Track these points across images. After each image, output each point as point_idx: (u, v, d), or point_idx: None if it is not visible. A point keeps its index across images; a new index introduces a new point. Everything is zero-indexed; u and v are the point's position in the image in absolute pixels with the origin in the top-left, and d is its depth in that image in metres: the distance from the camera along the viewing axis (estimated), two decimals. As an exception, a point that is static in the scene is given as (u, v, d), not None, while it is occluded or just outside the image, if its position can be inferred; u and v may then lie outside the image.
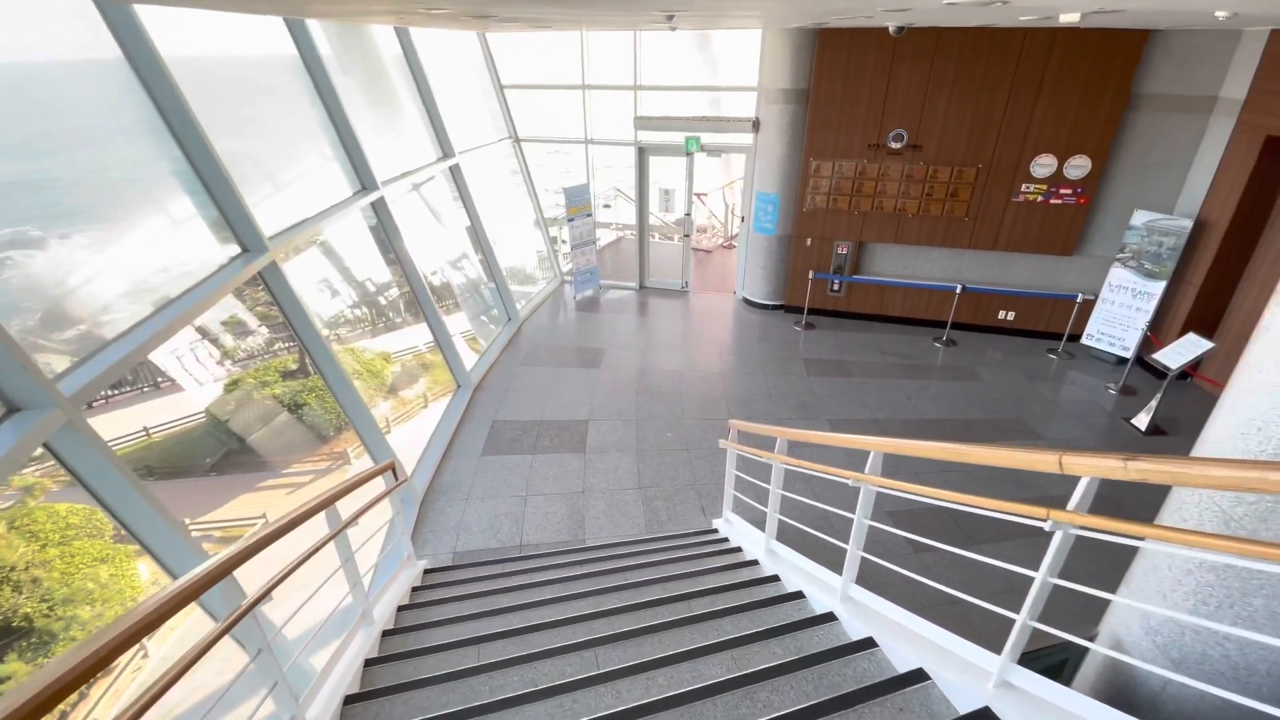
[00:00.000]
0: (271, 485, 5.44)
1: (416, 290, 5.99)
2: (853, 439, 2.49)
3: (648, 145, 8.41)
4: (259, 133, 4.61)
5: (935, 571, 2.34)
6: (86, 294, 3.05)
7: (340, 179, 5.26)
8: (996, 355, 7.36)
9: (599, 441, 5.67)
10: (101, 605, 3.55)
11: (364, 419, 4.60)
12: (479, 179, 8.07)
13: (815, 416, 6.07)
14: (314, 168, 5.02)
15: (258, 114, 4.69)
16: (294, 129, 4.96)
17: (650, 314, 8.60)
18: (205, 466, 4.92)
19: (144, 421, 4.20)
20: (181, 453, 4.72)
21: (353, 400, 4.53)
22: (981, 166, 7.02)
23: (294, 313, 4.17)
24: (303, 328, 4.23)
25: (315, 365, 4.43)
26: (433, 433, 5.74)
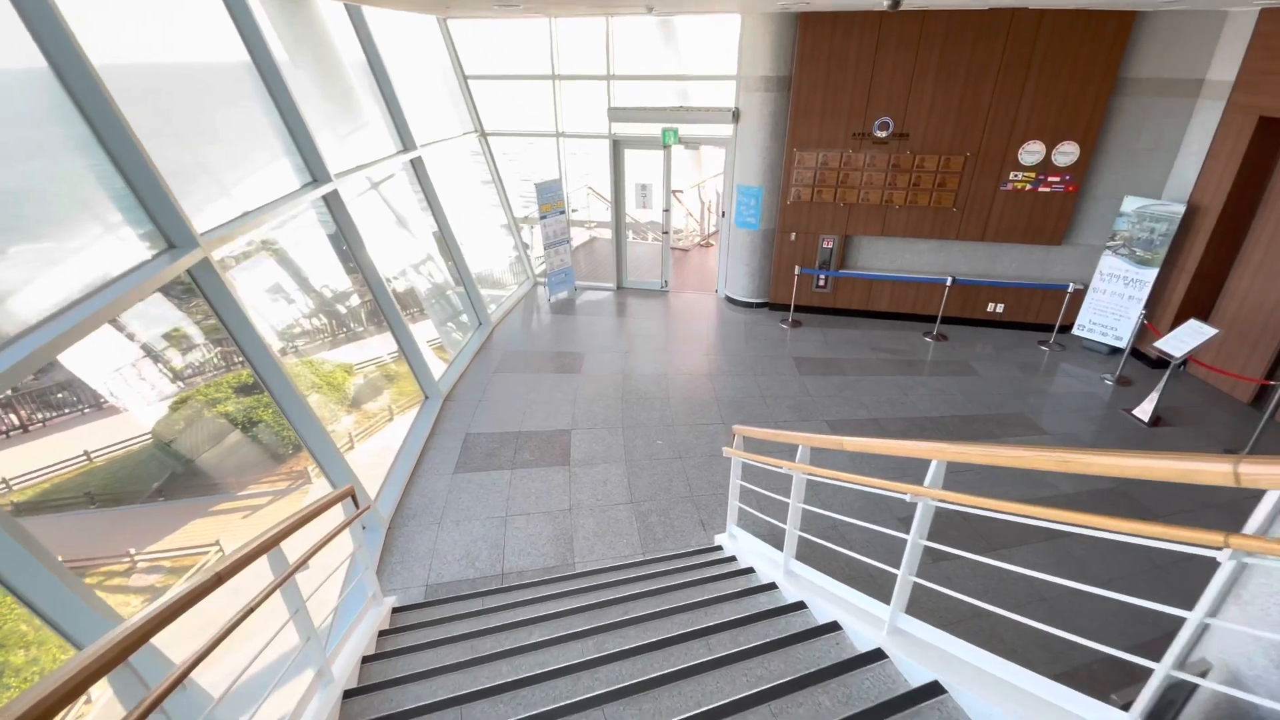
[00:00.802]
0: (226, 509, 5.01)
1: (377, 294, 5.45)
2: (909, 446, 2.10)
3: (623, 138, 8.00)
4: (191, 118, 4.04)
5: (981, 592, 1.96)
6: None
7: (287, 170, 4.71)
8: (988, 349, 7.15)
9: (584, 453, 5.21)
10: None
11: (319, 438, 4.05)
12: (444, 176, 7.55)
13: (813, 418, 5.72)
14: (256, 158, 4.46)
15: (190, 98, 4.12)
16: (233, 115, 4.40)
17: (630, 315, 8.18)
18: (153, 491, 4.63)
19: (84, 445, 3.84)
20: (126, 477, 4.32)
21: (305, 418, 3.98)
22: (969, 155, 6.81)
23: (234, 319, 3.62)
24: (245, 337, 3.68)
25: (261, 379, 3.87)
26: (399, 449, 5.20)
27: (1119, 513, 1.26)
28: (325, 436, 4.06)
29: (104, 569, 4.25)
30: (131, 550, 4.28)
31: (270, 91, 4.51)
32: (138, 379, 4.21)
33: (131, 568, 4.40)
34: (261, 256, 5.72)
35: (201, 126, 4.06)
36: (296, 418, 4.00)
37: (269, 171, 4.53)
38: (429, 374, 5.85)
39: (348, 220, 5.17)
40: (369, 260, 5.32)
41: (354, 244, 5.25)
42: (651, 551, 4.16)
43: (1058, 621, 1.69)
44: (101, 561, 4.24)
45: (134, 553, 4.29)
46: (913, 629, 2.26)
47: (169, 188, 3.22)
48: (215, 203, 3.86)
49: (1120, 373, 6.43)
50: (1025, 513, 1.67)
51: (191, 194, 3.61)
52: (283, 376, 3.84)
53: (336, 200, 5.07)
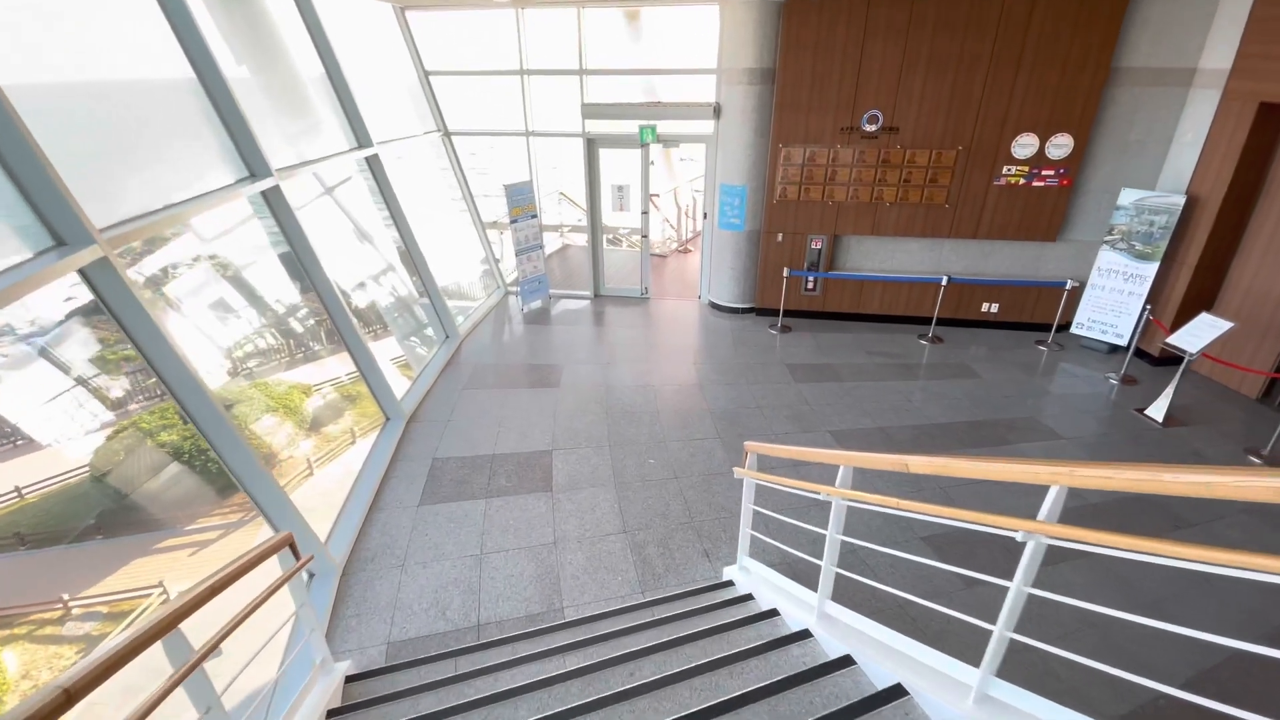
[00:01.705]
0: (171, 545, 4.53)
1: (329, 306, 4.83)
2: (1019, 468, 1.62)
3: (598, 136, 7.54)
4: (95, 103, 3.40)
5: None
6: None
7: (218, 163, 4.09)
8: (986, 350, 6.85)
9: (568, 476, 4.65)
10: None
11: (254, 474, 3.42)
12: (405, 178, 6.96)
13: (815, 428, 5.28)
14: (179, 146, 3.83)
15: (93, 75, 3.49)
16: (152, 94, 3.77)
17: (610, 324, 7.67)
18: (91, 529, 4.27)
19: (15, 480, 3.51)
20: (61, 514, 3.96)
21: (237, 450, 3.35)
22: (961, 148, 6.53)
23: (144, 334, 2.99)
24: (158, 354, 3.05)
25: (181, 405, 3.23)
26: (355, 481, 4.56)
27: (1155, 522, 0.80)
28: (262, 471, 3.43)
29: (35, 617, 3.82)
30: (65, 596, 3.81)
31: (197, 69, 3.90)
32: (73, 407, 3.66)
33: (65, 615, 3.94)
34: (197, 264, 5.05)
35: (108, 103, 3.43)
36: (227, 450, 3.36)
37: (195, 162, 3.91)
38: (390, 393, 5.22)
39: (293, 223, 4.55)
40: (319, 269, 4.70)
41: (301, 250, 4.64)
42: (652, 589, 3.62)
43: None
44: (31, 609, 3.82)
45: (68, 598, 3.82)
46: (1011, 698, 1.77)
47: (58, 174, 2.60)
48: (125, 194, 3.23)
49: (1125, 371, 6.17)
50: (1195, 556, 1.20)
51: (91, 181, 2.99)
52: (208, 403, 3.21)
53: (278, 198, 4.45)
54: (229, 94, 3.99)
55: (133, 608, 4.98)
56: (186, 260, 4.54)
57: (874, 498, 2.13)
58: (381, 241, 6.92)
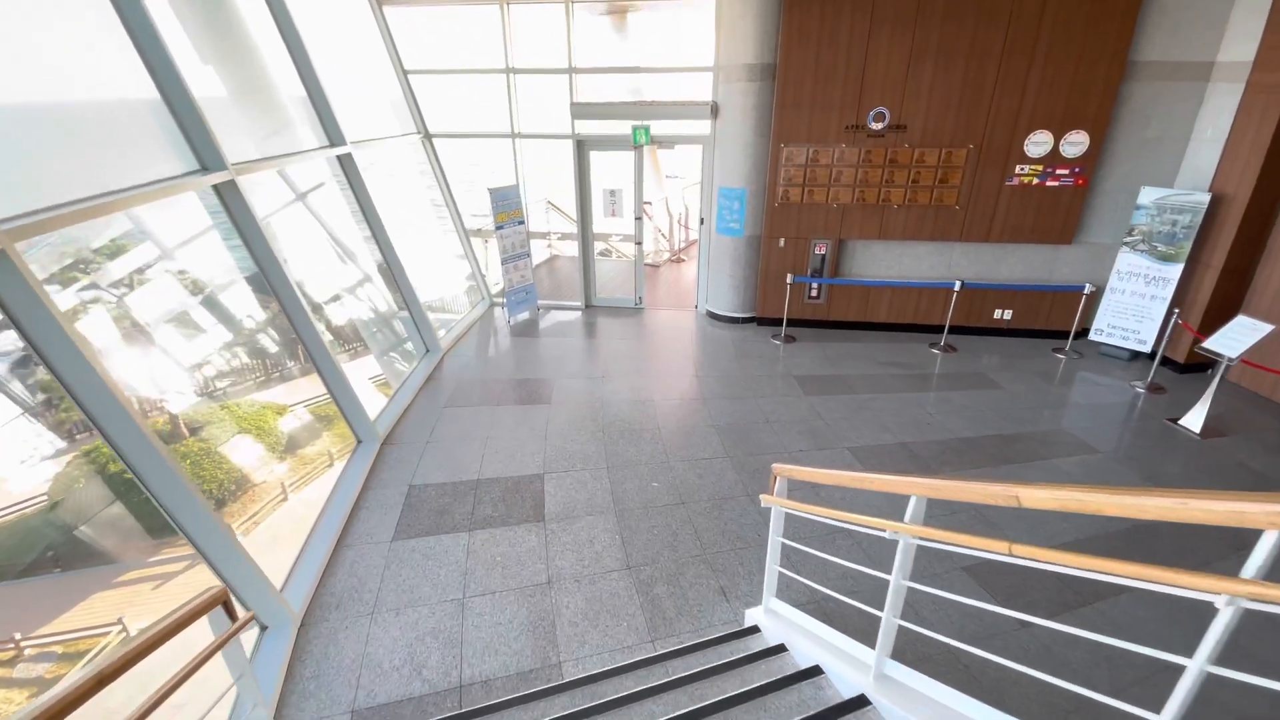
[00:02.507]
0: (133, 578, 4.12)
1: (294, 317, 4.31)
2: (1224, 507, 1.15)
3: (588, 138, 7.13)
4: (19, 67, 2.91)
5: None
6: None
7: (163, 152, 3.59)
8: (1001, 359, 6.48)
9: (562, 503, 4.15)
10: None
11: (195, 515, 2.89)
12: (381, 182, 6.50)
13: (832, 445, 4.83)
14: (111, 127, 3.33)
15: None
16: (79, 70, 3.28)
17: (603, 336, 7.20)
18: (47, 562, 3.92)
19: None
20: (15, 547, 3.69)
21: (173, 487, 2.82)
22: (972, 147, 6.21)
23: (54, 347, 2.47)
24: (72, 371, 2.52)
25: (103, 434, 2.70)
26: (320, 514, 4.01)
27: None
28: (204, 510, 2.89)
29: (-18, 658, 3.46)
30: (17, 635, 3.49)
31: (138, 45, 3.41)
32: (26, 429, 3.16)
33: (17, 655, 3.58)
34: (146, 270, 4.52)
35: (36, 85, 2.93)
36: (160, 485, 2.83)
37: (130, 149, 3.41)
38: (362, 413, 4.69)
39: (250, 223, 4.05)
40: (282, 276, 4.19)
41: (260, 255, 4.13)
42: (663, 637, 3.12)
43: None
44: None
45: (19, 638, 3.49)
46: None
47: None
48: (32, 181, 2.73)
49: (1151, 379, 5.82)
50: None
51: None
52: (135, 430, 2.68)
53: (234, 195, 3.96)
54: (176, 74, 3.51)
55: (90, 647, 4.56)
56: (131, 267, 4.02)
57: (968, 539, 1.66)
58: (356, 249, 6.42)
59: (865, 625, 2.97)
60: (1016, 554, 1.48)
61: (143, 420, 2.69)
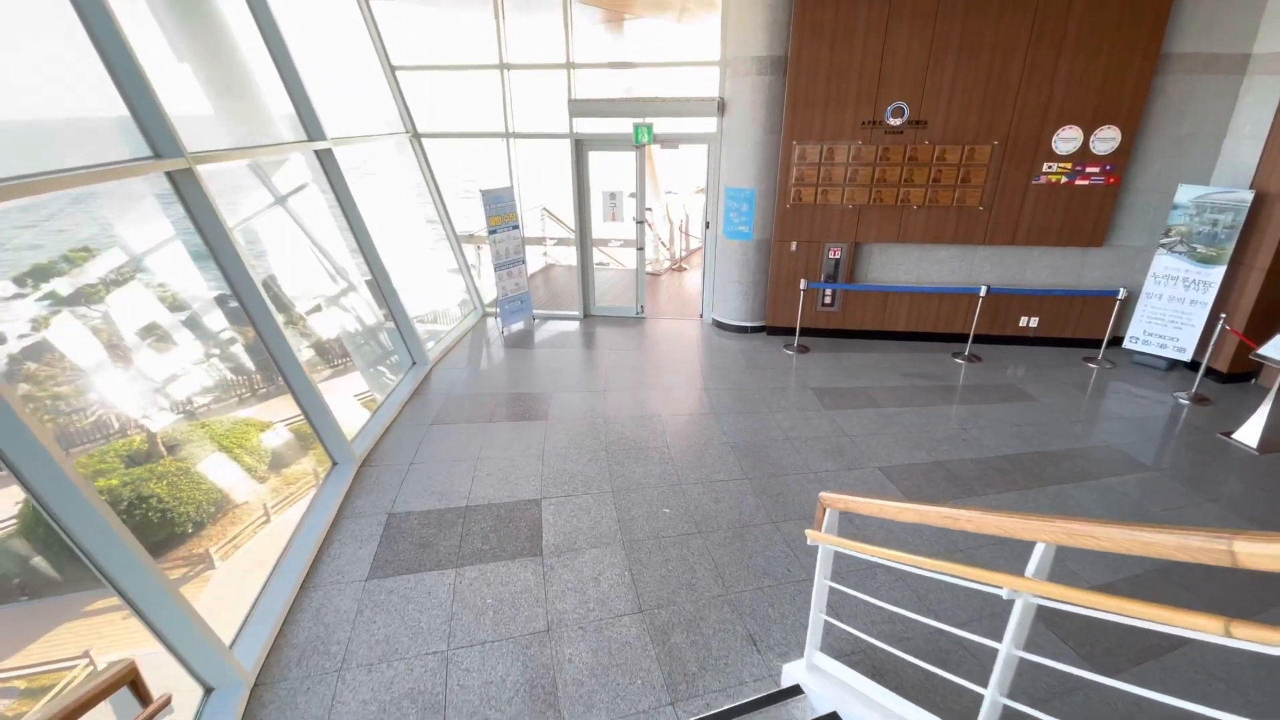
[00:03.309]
0: (103, 608, 4.02)
1: (260, 325, 3.83)
2: None
3: (587, 137, 6.73)
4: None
5: None
6: None
7: (107, 132, 3.15)
8: (1030, 369, 6.05)
9: (562, 533, 3.65)
10: None
11: (126, 564, 2.38)
12: (367, 184, 6.06)
13: (861, 464, 4.36)
14: (40, 95, 2.89)
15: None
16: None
17: (603, 347, 6.74)
18: (13, 589, 3.95)
19: None
20: None
21: (96, 530, 2.31)
22: (997, 144, 5.84)
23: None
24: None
25: (6, 463, 2.20)
26: (284, 549, 3.50)
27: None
28: (135, 559, 2.39)
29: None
30: None
31: (83, 15, 2.97)
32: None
33: None
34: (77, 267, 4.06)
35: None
36: (80, 527, 2.32)
37: (68, 127, 2.96)
38: (336, 431, 4.20)
39: (213, 222, 3.58)
40: (247, 278, 3.71)
41: (221, 253, 3.66)
42: (686, 699, 2.62)
43: None
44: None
45: None
46: None
47: None
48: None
49: (1195, 390, 5.40)
50: None
51: None
52: (46, 458, 2.18)
53: (192, 186, 3.49)
54: (125, 49, 3.06)
55: (54, 682, 4.04)
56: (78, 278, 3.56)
57: (1148, 610, 1.18)
58: (337, 255, 5.96)
59: (921, 681, 2.50)
60: (1244, 638, 1.01)
61: (58, 450, 2.19)
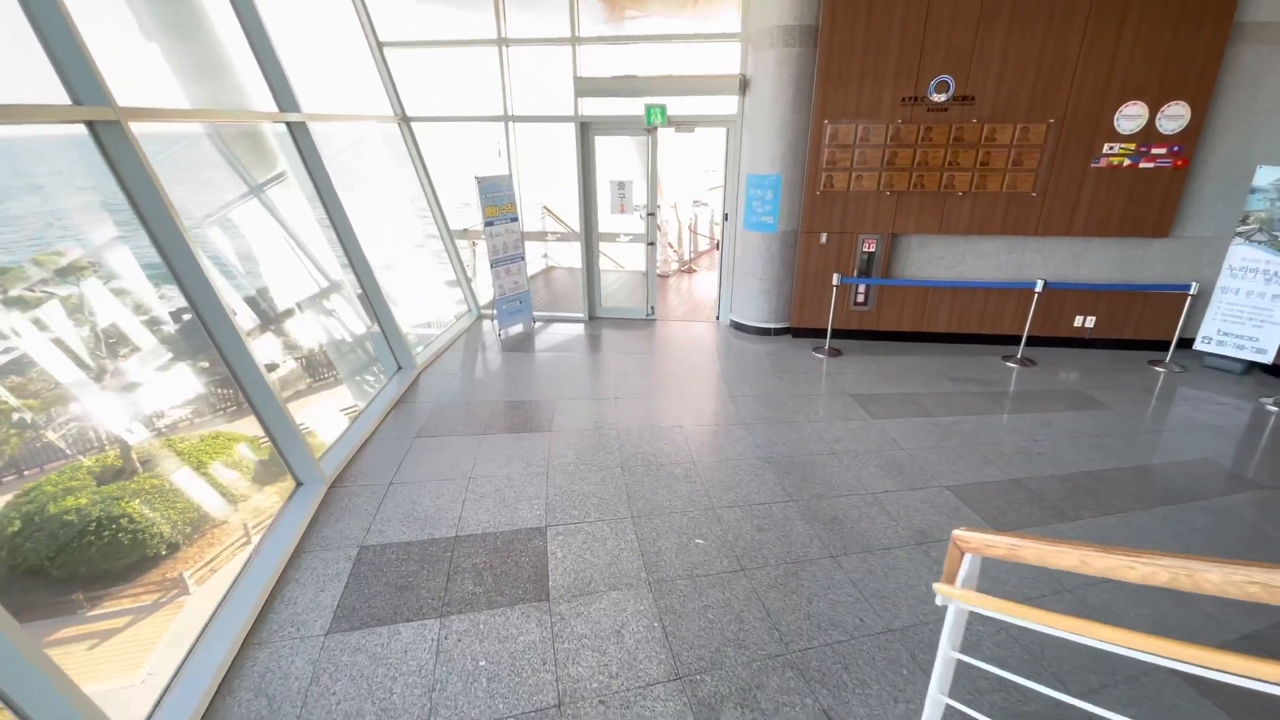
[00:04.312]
0: (69, 636, 3.70)
1: (207, 317, 3.15)
2: None
3: (594, 121, 6.12)
4: None
5: None
6: None
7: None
8: (1092, 374, 5.40)
9: (573, 572, 2.95)
10: None
11: None
12: (347, 171, 5.43)
13: (924, 482, 3.69)
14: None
15: None
16: None
17: (611, 350, 6.07)
18: None
19: None
20: None
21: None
22: (1053, 122, 5.24)
23: None
24: None
25: None
26: (225, 594, 2.79)
27: None
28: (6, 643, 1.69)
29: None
30: None
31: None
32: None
33: None
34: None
35: None
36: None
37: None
38: (300, 445, 3.50)
39: (143, 181, 2.92)
40: (190, 257, 3.04)
41: (157, 224, 2.99)
42: (749, 812, 1.91)
43: None
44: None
45: None
46: None
47: None
48: None
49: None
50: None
51: None
52: None
53: (120, 144, 2.84)
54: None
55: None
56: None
57: None
58: (312, 244, 5.31)
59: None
60: None
61: None
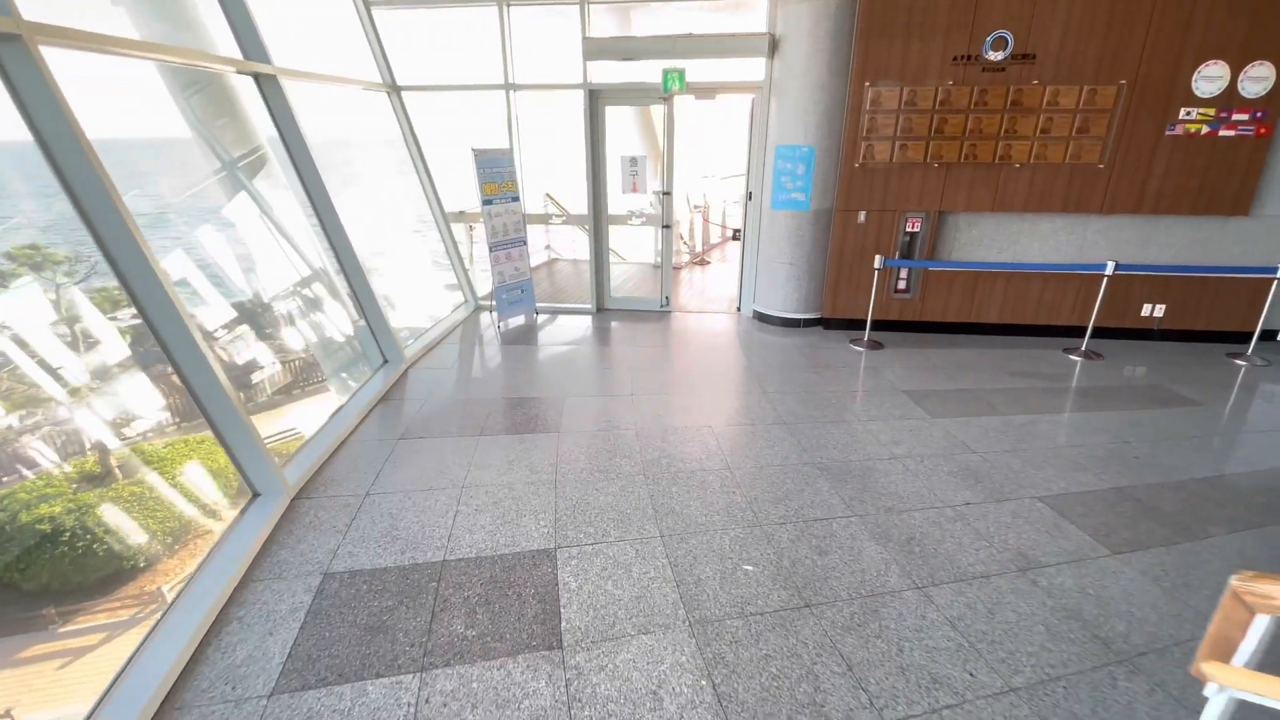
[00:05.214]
0: (38, 654, 3.39)
1: (133, 284, 2.54)
2: None
3: (604, 88, 5.52)
4: None
5: None
6: None
7: None
8: (1168, 368, 4.79)
9: (591, 608, 2.32)
10: None
11: None
12: (328, 144, 4.84)
13: (1013, 494, 3.06)
14: None
15: None
16: None
17: (624, 344, 5.45)
18: None
19: None
20: None
21: None
22: (1124, 83, 4.65)
23: None
24: None
25: None
26: (140, 645, 2.15)
27: None
28: None
29: None
30: None
31: None
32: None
33: None
34: None
35: None
36: None
37: None
38: (257, 448, 2.87)
39: (55, 117, 2.31)
40: (116, 216, 2.43)
41: (80, 184, 2.37)
42: None
43: None
44: None
45: None
46: None
47: None
48: None
49: (1403, 392, 4.15)
50: None
51: None
52: None
53: (29, 75, 2.23)
54: None
55: None
56: None
57: None
58: (285, 218, 4.71)
59: None
60: None
61: None
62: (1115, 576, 2.50)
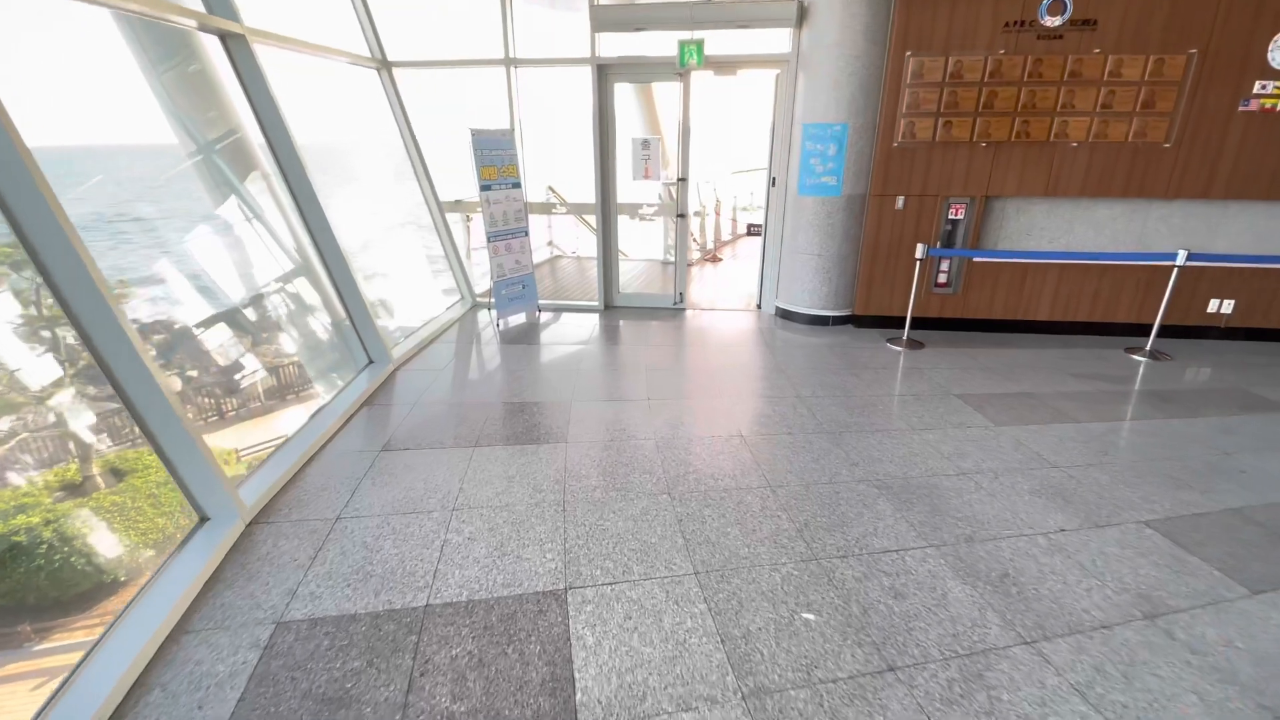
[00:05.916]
0: (11, 674, 2.83)
1: (52, 270, 2.04)
2: None
3: (614, 63, 5.05)
4: None
5: None
6: None
7: None
8: (1245, 370, 4.29)
9: (615, 672, 1.81)
10: None
11: None
12: (308, 125, 4.36)
13: (1111, 518, 2.55)
14: None
15: None
16: None
17: (635, 344, 4.95)
18: None
19: None
20: None
21: None
22: (1194, 53, 4.17)
23: None
24: None
25: None
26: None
27: None
28: None
29: None
30: None
31: None
32: None
33: None
34: None
35: None
36: None
37: None
38: (203, 462, 2.36)
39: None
40: (31, 184, 1.93)
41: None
42: None
43: None
44: None
45: None
46: None
47: None
48: None
49: None
50: None
51: None
52: None
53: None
54: None
55: None
56: None
57: None
58: (265, 206, 4.21)
59: None
60: None
61: None
62: (1264, 624, 2.00)
